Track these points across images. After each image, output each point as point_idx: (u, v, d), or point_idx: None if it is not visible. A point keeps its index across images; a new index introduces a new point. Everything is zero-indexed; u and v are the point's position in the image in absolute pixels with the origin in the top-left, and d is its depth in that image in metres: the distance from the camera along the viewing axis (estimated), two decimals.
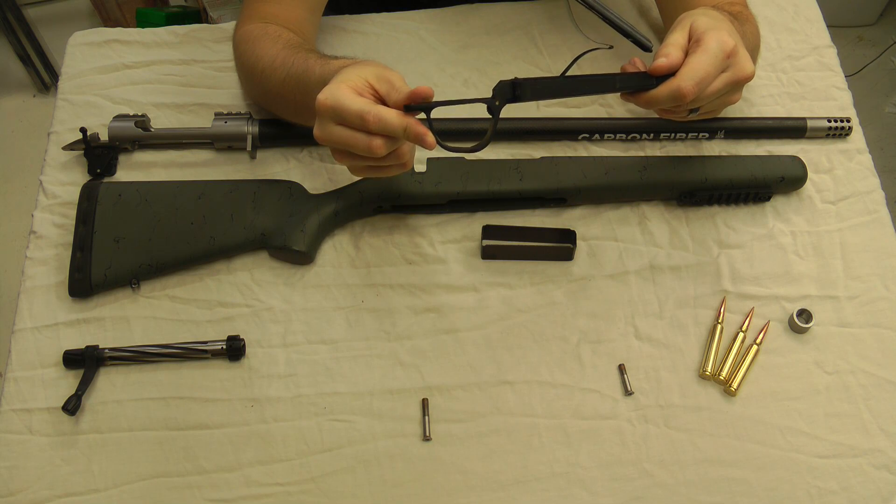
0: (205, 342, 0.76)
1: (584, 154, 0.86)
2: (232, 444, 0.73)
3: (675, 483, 0.71)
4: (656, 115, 0.86)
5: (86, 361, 0.74)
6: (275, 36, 0.78)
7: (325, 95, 0.61)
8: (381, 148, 0.61)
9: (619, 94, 0.68)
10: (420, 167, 0.80)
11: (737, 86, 0.67)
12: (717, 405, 0.74)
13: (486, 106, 0.61)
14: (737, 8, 0.80)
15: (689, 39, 0.66)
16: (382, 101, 0.63)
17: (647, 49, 0.71)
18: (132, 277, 0.78)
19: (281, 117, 0.83)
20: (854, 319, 0.78)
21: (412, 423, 0.73)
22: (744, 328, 0.77)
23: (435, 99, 0.61)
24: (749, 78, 0.66)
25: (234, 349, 0.75)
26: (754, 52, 0.82)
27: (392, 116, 0.60)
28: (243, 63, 0.82)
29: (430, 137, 0.60)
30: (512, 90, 0.60)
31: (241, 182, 0.82)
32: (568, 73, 0.63)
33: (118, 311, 0.78)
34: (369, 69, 0.64)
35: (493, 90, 0.61)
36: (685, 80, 0.63)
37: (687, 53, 0.66)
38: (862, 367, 0.76)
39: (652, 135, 0.86)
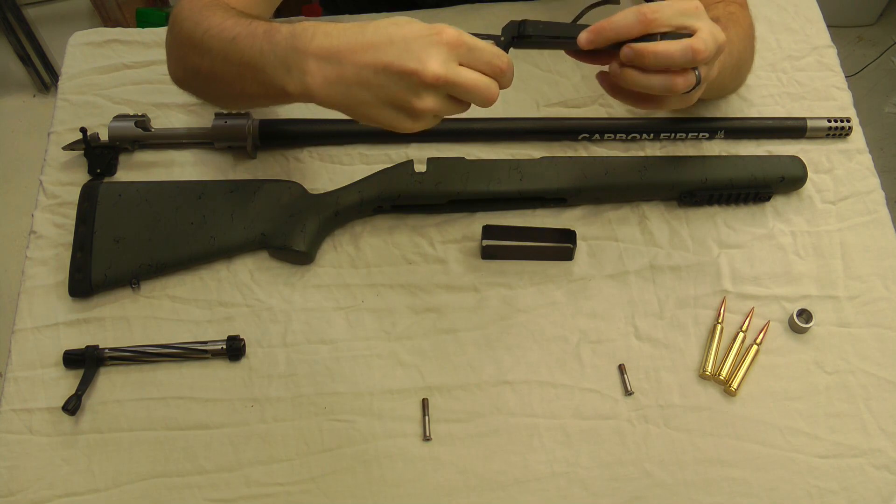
0: (205, 342, 0.76)
1: (584, 154, 0.86)
2: (232, 444, 0.73)
3: (675, 483, 0.71)
4: (657, 116, 0.87)
5: (86, 361, 0.74)
6: (227, 8, 0.70)
7: (455, 32, 0.58)
8: (496, 93, 0.59)
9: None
10: (420, 167, 0.80)
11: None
12: (717, 405, 0.74)
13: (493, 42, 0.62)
14: (731, 8, 0.79)
15: None
16: None
17: None
18: (132, 277, 0.78)
19: (207, 95, 0.75)
20: (854, 319, 0.78)
21: (412, 423, 0.73)
22: (744, 328, 0.77)
23: None
24: (723, 41, 0.64)
25: (234, 349, 0.75)
26: (744, 55, 0.80)
27: (511, 63, 0.59)
28: (176, 33, 0.71)
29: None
30: (517, 28, 0.62)
31: (241, 182, 0.82)
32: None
33: (118, 311, 0.78)
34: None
35: (502, 29, 0.62)
36: (646, 5, 0.61)
37: None
38: (862, 367, 0.76)
39: (652, 135, 0.86)
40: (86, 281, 0.77)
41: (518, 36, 0.62)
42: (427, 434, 0.73)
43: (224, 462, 0.72)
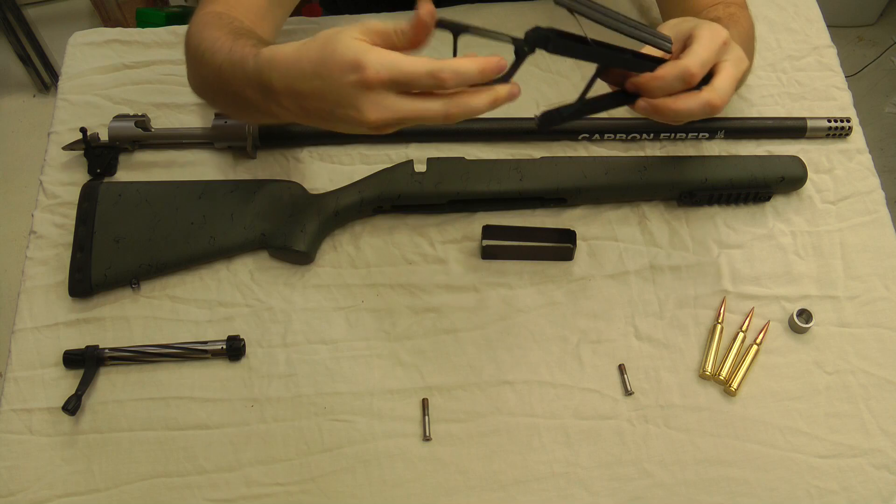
0: (205, 342, 0.76)
1: (584, 154, 0.86)
2: (232, 444, 0.73)
3: (675, 483, 0.71)
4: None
5: (86, 361, 0.74)
6: (225, 22, 0.72)
7: (377, 68, 0.53)
8: (459, 111, 0.55)
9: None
10: (420, 167, 0.80)
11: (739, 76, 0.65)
12: (717, 405, 0.74)
13: (513, 48, 0.57)
14: (732, 9, 0.79)
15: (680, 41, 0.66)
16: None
17: (667, 49, 0.68)
18: (132, 277, 0.78)
19: (220, 110, 0.79)
20: (854, 319, 0.78)
21: (412, 423, 0.73)
22: (744, 328, 0.77)
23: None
24: (747, 69, 0.65)
25: (234, 349, 0.75)
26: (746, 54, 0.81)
27: (465, 64, 0.53)
28: (187, 47, 0.74)
29: (504, 61, 0.55)
30: (544, 42, 0.57)
31: (242, 182, 0.82)
32: (593, 41, 0.61)
33: (118, 311, 0.78)
34: (351, 28, 0.56)
35: (527, 34, 0.57)
36: (691, 60, 0.61)
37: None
38: (862, 367, 0.76)
39: (652, 135, 0.86)
40: (86, 281, 0.77)
41: (543, 49, 0.57)
42: (427, 434, 0.73)
43: (224, 462, 0.72)
